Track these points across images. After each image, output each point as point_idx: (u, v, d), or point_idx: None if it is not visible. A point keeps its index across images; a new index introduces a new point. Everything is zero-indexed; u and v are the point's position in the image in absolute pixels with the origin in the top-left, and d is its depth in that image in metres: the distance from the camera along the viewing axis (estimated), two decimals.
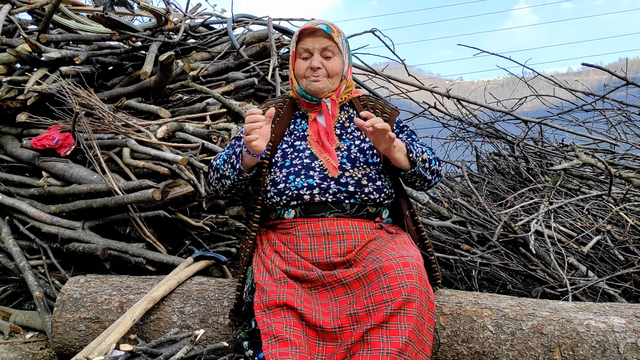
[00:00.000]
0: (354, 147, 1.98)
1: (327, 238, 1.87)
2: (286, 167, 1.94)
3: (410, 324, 1.61)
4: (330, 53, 1.94)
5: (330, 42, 1.93)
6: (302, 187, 1.89)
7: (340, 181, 1.89)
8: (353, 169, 1.92)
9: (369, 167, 1.94)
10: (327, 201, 1.89)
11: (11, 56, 3.14)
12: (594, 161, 2.79)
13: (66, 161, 2.83)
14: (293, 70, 2.00)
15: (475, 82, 28.85)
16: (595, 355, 1.73)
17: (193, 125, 2.95)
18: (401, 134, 2.06)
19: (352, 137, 2.00)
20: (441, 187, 4.00)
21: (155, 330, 2.12)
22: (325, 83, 1.96)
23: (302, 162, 1.94)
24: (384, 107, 2.08)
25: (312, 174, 1.90)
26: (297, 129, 2.04)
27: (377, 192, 1.92)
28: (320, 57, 1.93)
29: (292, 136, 2.03)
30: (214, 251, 2.78)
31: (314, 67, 1.92)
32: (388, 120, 2.01)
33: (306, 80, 1.96)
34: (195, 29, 4.02)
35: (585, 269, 2.58)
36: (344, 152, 1.96)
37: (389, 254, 1.76)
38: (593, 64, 3.66)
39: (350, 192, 1.89)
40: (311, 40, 1.93)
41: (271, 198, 1.94)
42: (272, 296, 1.71)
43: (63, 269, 2.68)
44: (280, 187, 1.92)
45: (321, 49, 1.93)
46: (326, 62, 1.94)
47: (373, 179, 1.92)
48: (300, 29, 1.97)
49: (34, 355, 2.41)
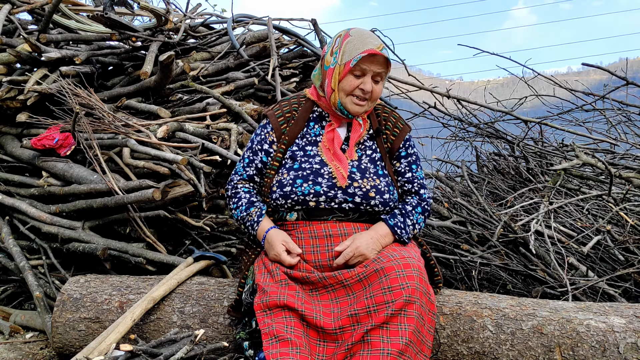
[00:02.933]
0: (365, 157, 1.95)
1: (329, 240, 1.87)
2: (294, 170, 1.92)
3: (410, 325, 1.62)
4: (380, 78, 1.89)
5: (385, 69, 1.89)
6: (308, 193, 1.86)
7: (348, 191, 1.86)
8: (362, 179, 1.89)
9: (378, 179, 1.91)
10: (332, 208, 1.88)
11: (11, 56, 3.14)
12: (594, 161, 2.79)
13: (66, 161, 2.82)
14: (339, 81, 1.88)
15: (475, 82, 28.88)
16: (595, 355, 1.73)
17: (193, 125, 2.95)
18: (402, 160, 1.99)
19: (363, 147, 1.97)
20: (441, 187, 4.00)
21: (155, 330, 2.12)
22: (366, 107, 1.92)
23: (311, 167, 1.91)
24: (397, 121, 2.02)
25: (320, 180, 1.87)
26: (309, 132, 2.00)
27: (383, 205, 1.90)
28: (371, 81, 1.87)
29: (304, 140, 1.99)
30: (214, 251, 2.78)
31: (366, 90, 1.86)
32: (397, 137, 1.98)
33: (350, 97, 1.88)
34: (195, 29, 4.02)
35: (585, 269, 2.58)
36: (354, 162, 1.93)
37: (390, 255, 1.77)
38: (593, 64, 3.65)
39: (357, 204, 1.87)
40: (370, 62, 1.84)
41: (276, 200, 1.92)
42: (273, 297, 1.71)
43: (63, 269, 2.68)
44: (286, 190, 1.89)
45: (375, 73, 1.87)
46: (375, 86, 1.88)
47: (381, 191, 1.89)
48: (365, 50, 1.83)
49: (34, 355, 2.41)
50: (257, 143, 2.02)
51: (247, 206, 1.97)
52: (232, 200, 2.02)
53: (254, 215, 1.94)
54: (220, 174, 2.95)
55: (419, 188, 1.99)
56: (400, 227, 1.89)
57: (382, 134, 1.99)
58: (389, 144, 1.99)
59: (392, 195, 1.93)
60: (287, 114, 2.01)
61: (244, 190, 2.01)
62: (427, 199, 1.99)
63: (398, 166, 2.00)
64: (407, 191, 1.99)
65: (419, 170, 2.02)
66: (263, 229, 1.91)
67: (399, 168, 2.00)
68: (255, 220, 1.94)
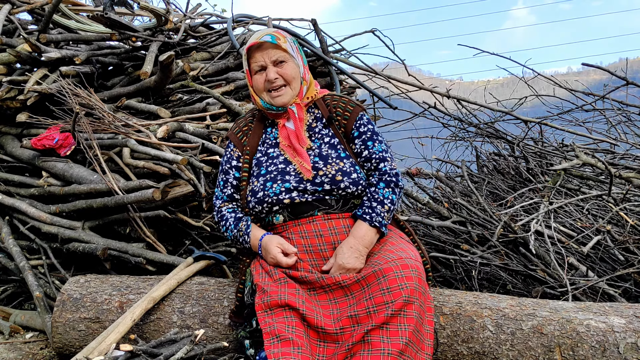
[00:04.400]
0: (325, 145, 1.98)
1: (320, 240, 1.88)
2: (262, 175, 1.96)
3: (410, 325, 1.63)
4: (282, 61, 1.95)
5: (279, 50, 1.95)
6: (280, 192, 1.89)
7: (316, 181, 1.89)
8: (326, 166, 1.92)
9: (342, 161, 1.93)
10: (310, 201, 1.89)
11: (11, 56, 3.14)
12: (594, 161, 2.79)
13: (66, 161, 2.83)
14: (252, 87, 2.02)
15: (475, 82, 28.87)
16: (595, 355, 1.73)
17: (193, 125, 2.95)
18: (356, 140, 1.99)
19: (320, 136, 2.01)
20: (441, 187, 4.00)
21: (155, 330, 2.12)
22: (289, 93, 1.97)
23: (277, 167, 1.95)
24: (346, 105, 2.05)
25: (287, 178, 1.91)
26: (268, 137, 2.06)
27: (354, 184, 1.91)
28: (274, 68, 1.95)
29: (265, 145, 2.05)
30: (214, 251, 2.78)
31: (271, 79, 1.94)
32: (348, 120, 2.01)
33: (267, 94, 1.98)
34: (195, 29, 4.02)
35: (585, 269, 2.58)
36: (315, 151, 1.96)
37: (387, 257, 1.78)
38: (593, 64, 3.66)
39: (327, 190, 1.89)
40: (260, 54, 1.95)
41: (253, 208, 1.95)
42: (274, 296, 1.71)
43: (63, 269, 2.68)
44: (259, 196, 1.92)
45: (273, 61, 1.95)
46: (281, 70, 1.95)
47: (348, 172, 1.91)
48: (246, 47, 1.98)
49: (34, 355, 2.41)
50: (225, 162, 2.09)
51: (235, 223, 2.00)
52: (220, 224, 2.06)
53: (243, 227, 1.97)
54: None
55: (378, 163, 1.97)
56: (369, 212, 1.88)
57: (334, 120, 2.02)
58: (343, 128, 2.02)
59: (360, 174, 1.94)
60: (244, 127, 2.11)
61: (228, 211, 2.05)
62: (388, 171, 1.95)
63: (355, 148, 2.00)
64: (369, 170, 1.98)
65: (376, 145, 1.99)
66: (256, 238, 1.93)
67: (355, 149, 2.00)
68: (245, 232, 1.96)
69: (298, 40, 3.89)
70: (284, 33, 2.01)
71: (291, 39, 2.01)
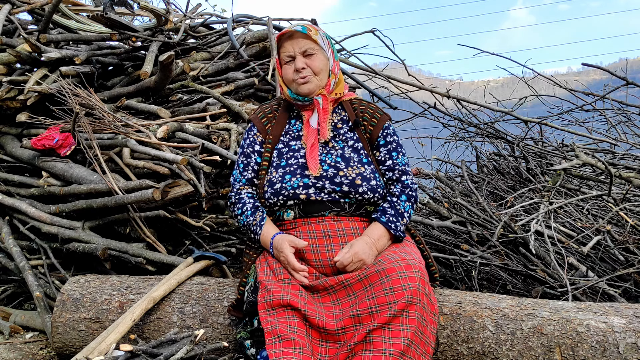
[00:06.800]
0: (348, 148, 1.99)
1: (328, 240, 1.88)
2: (282, 167, 1.96)
3: (412, 326, 1.63)
4: (311, 52, 1.97)
5: (309, 41, 1.96)
6: (298, 186, 1.90)
7: (335, 180, 1.90)
8: (347, 168, 1.92)
9: (363, 167, 1.95)
10: (324, 200, 1.90)
11: (11, 56, 3.14)
12: (594, 161, 2.79)
13: (66, 161, 2.82)
14: (281, 76, 2.05)
15: (475, 82, 28.85)
16: (595, 355, 1.73)
17: (193, 125, 2.95)
18: (382, 148, 2.02)
19: (345, 139, 2.02)
20: (441, 187, 4.00)
21: (155, 330, 2.12)
22: (314, 82, 1.98)
23: (297, 161, 1.96)
24: (374, 112, 2.07)
25: (307, 173, 1.92)
26: (292, 129, 2.07)
27: (371, 191, 1.92)
28: (303, 58, 1.97)
29: (287, 136, 2.06)
30: (214, 251, 2.78)
31: (299, 69, 1.96)
32: (375, 127, 2.03)
33: (295, 83, 1.99)
34: (195, 29, 4.02)
35: (585, 269, 2.58)
36: (338, 152, 1.97)
37: (391, 257, 1.78)
38: (593, 64, 3.66)
39: (345, 192, 1.89)
40: (290, 44, 1.97)
41: (269, 199, 1.95)
42: (276, 296, 1.71)
43: (63, 269, 2.68)
44: (276, 187, 1.93)
45: (302, 51, 1.96)
46: (309, 61, 1.97)
47: (367, 178, 1.92)
48: (278, 35, 2.00)
49: (34, 355, 2.41)
50: (248, 146, 2.08)
51: (252, 211, 1.99)
52: (236, 207, 2.04)
53: (258, 218, 1.97)
54: (220, 174, 2.95)
55: (400, 175, 2.01)
56: (393, 220, 1.91)
57: (360, 125, 2.03)
58: (368, 134, 2.03)
59: (379, 181, 1.96)
60: (269, 114, 2.11)
61: (247, 195, 2.04)
62: (410, 185, 2.01)
63: (378, 155, 2.03)
64: (390, 179, 2.01)
65: (400, 157, 2.04)
66: (269, 235, 1.92)
67: (379, 157, 2.03)
68: (259, 224, 1.95)
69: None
70: (318, 27, 2.04)
71: (324, 34, 2.04)
